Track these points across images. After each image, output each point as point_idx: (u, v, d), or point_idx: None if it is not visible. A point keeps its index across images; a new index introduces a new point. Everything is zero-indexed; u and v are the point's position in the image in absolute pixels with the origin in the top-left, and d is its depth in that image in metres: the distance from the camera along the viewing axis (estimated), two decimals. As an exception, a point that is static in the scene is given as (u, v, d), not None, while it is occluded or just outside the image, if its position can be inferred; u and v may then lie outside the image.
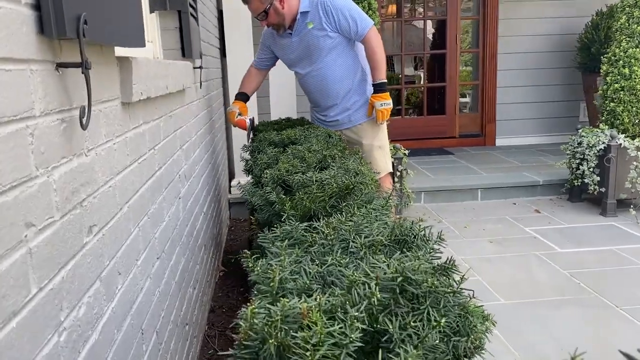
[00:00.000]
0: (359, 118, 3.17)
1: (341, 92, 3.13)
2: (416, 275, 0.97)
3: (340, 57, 3.06)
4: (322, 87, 3.14)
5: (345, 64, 3.08)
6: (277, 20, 2.99)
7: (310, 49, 3.04)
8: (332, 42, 3.00)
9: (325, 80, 3.11)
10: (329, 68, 3.07)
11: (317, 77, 3.12)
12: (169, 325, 1.78)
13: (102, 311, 1.09)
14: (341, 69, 3.07)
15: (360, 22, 2.95)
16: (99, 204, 1.11)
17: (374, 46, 2.98)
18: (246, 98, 3.33)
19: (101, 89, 1.16)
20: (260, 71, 3.40)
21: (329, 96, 3.15)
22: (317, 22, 2.98)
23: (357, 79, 3.13)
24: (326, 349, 0.80)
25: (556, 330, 2.57)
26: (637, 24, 4.09)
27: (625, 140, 4.13)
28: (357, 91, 3.14)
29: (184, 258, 2.15)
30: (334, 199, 1.59)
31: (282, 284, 1.03)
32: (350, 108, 3.16)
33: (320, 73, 3.10)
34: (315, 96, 3.23)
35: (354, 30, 2.96)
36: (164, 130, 1.86)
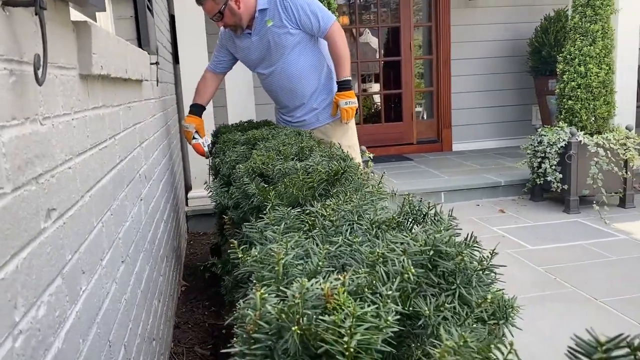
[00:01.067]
0: (326, 117, 3.02)
1: (307, 91, 2.97)
2: (449, 248, 0.82)
3: (304, 54, 2.91)
4: (288, 87, 2.97)
5: (310, 62, 2.93)
6: (234, 21, 2.82)
7: (271, 48, 2.88)
8: (294, 39, 2.85)
9: (290, 79, 2.94)
10: (293, 66, 2.91)
11: (281, 77, 2.95)
12: (137, 339, 1.57)
13: (66, 314, 0.90)
14: (306, 66, 2.92)
15: (322, 18, 2.81)
16: (58, 185, 0.91)
17: (337, 42, 2.84)
18: (201, 110, 3.11)
19: (56, 52, 0.97)
20: (217, 75, 3.20)
21: (295, 96, 2.99)
22: (276, 19, 2.82)
23: (323, 77, 2.99)
24: (361, 335, 0.64)
25: (541, 325, 2.48)
26: (590, 22, 4.16)
27: (584, 137, 4.17)
28: (323, 90, 3.00)
29: (148, 266, 1.94)
30: (323, 185, 1.43)
31: (286, 269, 0.86)
32: (317, 107, 3.01)
33: (284, 72, 2.93)
34: (281, 97, 3.05)
35: (316, 26, 2.82)
36: (124, 121, 1.67)
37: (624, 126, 4.36)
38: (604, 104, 4.23)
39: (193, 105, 3.12)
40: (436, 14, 6.35)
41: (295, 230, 1.08)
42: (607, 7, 4.11)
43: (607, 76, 4.19)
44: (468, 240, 0.99)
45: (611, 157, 4.15)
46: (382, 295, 0.73)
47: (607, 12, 4.13)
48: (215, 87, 3.22)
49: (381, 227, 1.01)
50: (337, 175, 1.46)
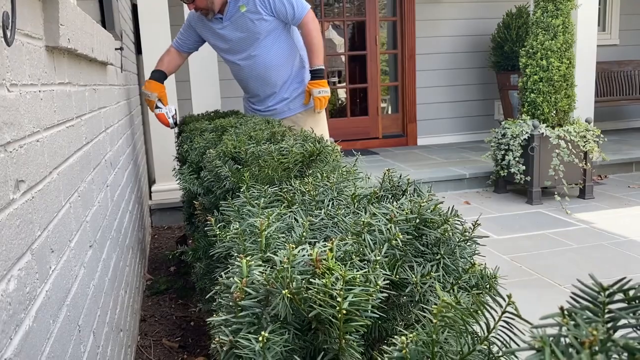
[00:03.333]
0: (298, 106, 2.99)
1: (280, 80, 2.92)
2: (434, 217, 0.82)
3: (277, 42, 2.86)
4: (260, 75, 2.91)
5: (283, 50, 2.88)
6: (206, 4, 2.74)
7: (244, 35, 2.82)
8: (268, 25, 2.79)
9: (263, 67, 2.88)
10: (266, 54, 2.85)
11: (254, 65, 2.89)
12: (105, 327, 1.52)
13: (36, 292, 0.85)
14: (279, 55, 2.87)
15: (297, 6, 2.78)
16: (26, 157, 0.87)
17: (311, 30, 2.81)
18: (164, 77, 2.97)
19: (22, 18, 0.92)
20: (181, 54, 3.09)
21: (267, 84, 2.93)
22: (250, 5, 2.76)
23: (295, 66, 2.95)
24: (353, 297, 0.63)
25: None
26: (552, 17, 4.25)
27: (546, 129, 4.26)
28: (295, 79, 2.96)
29: (115, 255, 1.88)
30: (299, 167, 1.41)
31: (269, 241, 0.84)
32: (288, 97, 2.97)
33: (257, 60, 2.87)
34: (251, 85, 2.99)
35: (291, 14, 2.77)
36: (90, 103, 1.61)
37: (583, 119, 4.48)
38: (564, 97, 4.34)
39: (155, 72, 2.96)
40: (401, 9, 6.40)
41: (275, 206, 1.06)
42: (567, 3, 4.21)
43: (567, 70, 4.29)
44: (449, 213, 0.99)
45: (572, 149, 4.26)
46: (370, 261, 0.72)
47: (568, 7, 4.23)
48: (178, 65, 3.11)
49: (362, 202, 1.00)
50: (313, 157, 1.44)
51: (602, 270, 3.00)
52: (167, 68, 2.99)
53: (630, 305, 0.47)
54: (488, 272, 0.92)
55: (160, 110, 2.83)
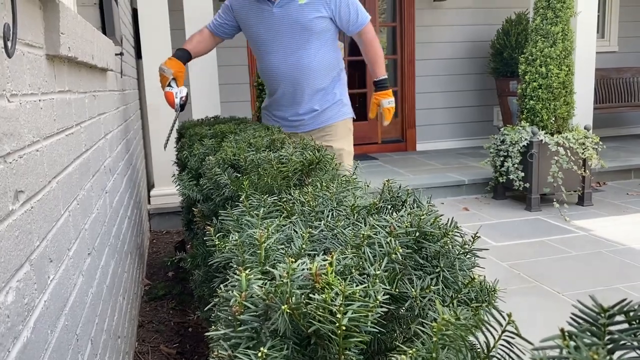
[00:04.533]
0: (330, 118, 2.72)
1: (315, 88, 2.66)
2: (434, 230, 0.82)
3: (325, 47, 2.60)
4: (296, 78, 2.62)
5: (328, 57, 2.63)
6: None
7: (294, 29, 2.51)
8: (323, 27, 2.53)
9: (303, 70, 2.59)
10: (311, 57, 2.57)
11: (293, 65, 2.59)
12: (103, 335, 1.51)
13: (34, 303, 0.85)
14: (323, 61, 2.61)
15: (360, 13, 2.56)
16: (26, 167, 0.87)
17: (373, 39, 2.63)
18: (187, 58, 2.65)
19: (23, 28, 0.92)
20: (214, 38, 2.77)
21: (300, 90, 2.65)
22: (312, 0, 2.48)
23: (333, 78, 2.71)
24: (352, 312, 0.62)
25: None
26: (551, 24, 4.26)
27: (545, 136, 4.27)
28: (330, 91, 2.71)
29: (114, 261, 1.88)
30: (298, 175, 1.41)
31: (268, 253, 0.84)
32: (318, 109, 2.71)
33: (299, 61, 2.58)
34: (282, 87, 2.68)
35: (354, 19, 2.55)
36: (89, 110, 1.61)
37: (582, 126, 4.48)
38: (564, 104, 4.34)
39: (179, 50, 2.67)
40: (401, 14, 6.41)
41: (274, 217, 1.06)
42: (567, 10, 4.23)
43: (567, 77, 4.30)
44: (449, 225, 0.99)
45: (571, 156, 4.26)
46: (369, 275, 0.72)
47: (567, 14, 4.24)
48: (208, 48, 2.81)
49: (362, 213, 1.00)
50: (312, 165, 1.44)
51: (600, 278, 3.00)
52: (195, 49, 2.69)
53: (631, 327, 0.47)
54: (487, 284, 0.92)
55: (170, 89, 2.58)
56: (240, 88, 5.80)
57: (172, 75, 2.57)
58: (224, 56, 5.02)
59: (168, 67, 2.57)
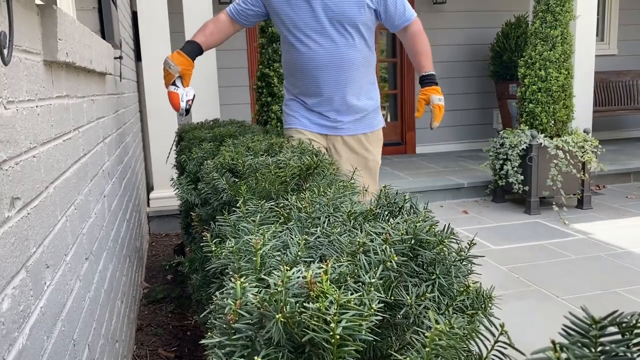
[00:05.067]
0: (370, 125, 2.43)
1: (356, 84, 2.34)
2: (429, 237, 0.82)
3: (363, 41, 2.30)
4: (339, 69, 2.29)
5: (365, 53, 2.32)
6: None
7: (335, 15, 2.20)
8: (366, 18, 2.23)
9: (345, 62, 2.28)
10: (353, 48, 2.27)
11: (333, 55, 2.26)
12: (101, 339, 1.51)
13: (30, 309, 0.85)
14: (361, 56, 2.31)
15: (408, 7, 2.29)
16: (22, 174, 0.87)
17: (421, 35, 2.33)
18: (197, 52, 2.30)
19: (21, 35, 0.92)
20: (234, 24, 2.38)
21: (346, 84, 2.31)
22: None
23: (370, 77, 2.42)
24: (347, 321, 0.63)
25: (505, 323, 2.51)
26: (550, 27, 4.27)
27: (545, 139, 4.27)
28: (369, 91, 2.42)
29: (112, 265, 1.88)
30: (296, 180, 1.41)
31: (264, 260, 0.84)
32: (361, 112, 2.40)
33: (339, 51, 2.26)
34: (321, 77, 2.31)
35: (401, 12, 2.26)
36: (88, 114, 1.61)
37: (581, 129, 4.49)
38: (563, 108, 4.35)
39: (189, 43, 2.31)
40: (400, 18, 6.41)
41: (271, 223, 1.06)
42: (566, 14, 4.23)
43: (566, 80, 4.30)
44: (445, 231, 0.99)
45: (570, 160, 4.26)
46: (364, 283, 0.72)
47: (567, 18, 4.24)
48: (225, 36, 2.42)
49: (358, 219, 1.00)
50: (310, 170, 1.44)
51: (599, 281, 3.00)
52: (207, 41, 2.33)
53: (623, 338, 0.47)
54: (483, 291, 0.92)
55: (176, 90, 2.27)
56: (239, 91, 5.81)
57: (179, 73, 2.25)
58: (223, 59, 5.03)
59: (175, 62, 2.23)
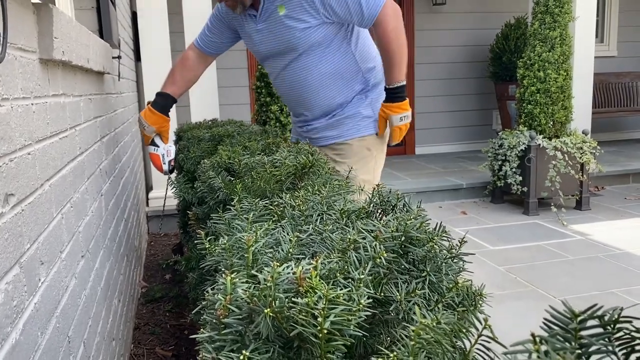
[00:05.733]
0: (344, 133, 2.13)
1: (325, 104, 2.11)
2: (420, 234, 0.82)
3: (328, 56, 2.02)
4: (297, 95, 2.14)
5: (336, 67, 2.04)
6: None
7: (282, 44, 2.00)
8: (316, 35, 1.96)
9: (302, 87, 2.09)
10: (308, 71, 2.04)
11: (290, 81, 2.10)
12: (97, 337, 1.52)
13: (24, 305, 0.86)
14: (327, 73, 2.05)
15: (369, 1, 1.87)
16: (16, 170, 0.88)
17: (387, 32, 1.90)
18: (170, 104, 2.20)
19: (16, 33, 0.93)
20: (206, 57, 2.24)
21: (306, 107, 2.16)
22: (292, 7, 1.91)
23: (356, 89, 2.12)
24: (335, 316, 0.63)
25: (501, 323, 2.52)
26: (549, 29, 4.27)
27: (543, 140, 4.27)
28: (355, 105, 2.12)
29: (109, 264, 1.88)
30: (291, 179, 1.42)
31: (256, 257, 0.85)
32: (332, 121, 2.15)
33: (294, 76, 2.07)
34: (288, 103, 2.31)
35: (357, 14, 1.89)
36: (85, 113, 1.62)
37: (580, 131, 4.49)
38: (561, 109, 4.35)
39: (160, 95, 2.17)
40: (400, 19, 6.42)
41: (264, 221, 1.06)
42: (565, 15, 4.24)
43: (565, 82, 4.31)
44: (437, 229, 0.99)
45: (568, 161, 4.27)
46: (354, 280, 0.72)
47: (566, 19, 4.25)
48: (198, 74, 2.28)
49: (351, 217, 1.01)
50: (305, 169, 1.45)
51: (597, 282, 3.00)
52: (180, 89, 2.22)
53: (605, 331, 0.48)
54: (474, 289, 0.93)
55: (156, 151, 2.19)
56: (239, 91, 5.82)
57: (155, 132, 2.18)
58: (223, 59, 5.03)
59: (149, 123, 2.13)
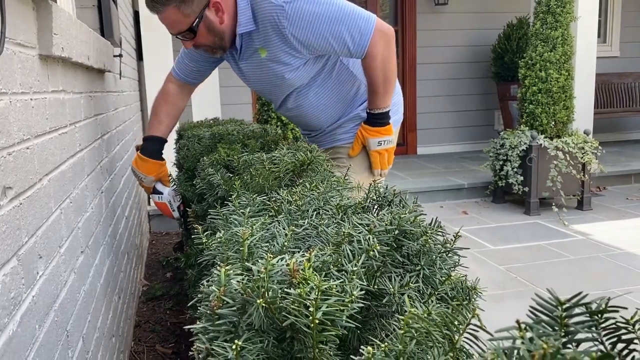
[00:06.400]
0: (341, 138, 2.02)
1: (327, 122, 2.01)
2: (414, 228, 0.83)
3: (323, 86, 1.92)
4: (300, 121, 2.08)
5: (332, 94, 1.93)
6: (212, 41, 1.73)
7: (272, 84, 1.89)
8: (309, 72, 1.84)
9: (304, 115, 2.00)
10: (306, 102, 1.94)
11: (292, 111, 2.02)
12: (96, 333, 1.53)
13: (21, 297, 0.87)
14: (325, 101, 1.94)
15: (354, 35, 1.70)
16: (14, 164, 0.89)
17: (376, 63, 1.77)
18: (161, 146, 2.02)
19: (15, 29, 0.94)
20: (187, 87, 2.09)
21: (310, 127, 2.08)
22: (272, 50, 1.75)
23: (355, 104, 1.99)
24: (327, 307, 0.64)
25: (501, 322, 2.52)
26: (551, 29, 4.27)
27: (545, 140, 4.27)
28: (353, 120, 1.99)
29: (109, 260, 1.89)
30: (290, 176, 1.43)
31: (251, 250, 0.85)
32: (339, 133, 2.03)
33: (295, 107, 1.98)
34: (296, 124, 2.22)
35: (343, 51, 1.74)
36: (85, 110, 1.63)
37: (582, 131, 4.49)
38: (563, 109, 4.35)
39: (148, 140, 2.00)
40: (402, 18, 6.43)
41: (261, 215, 1.07)
42: (567, 15, 4.24)
43: (566, 82, 4.31)
44: (432, 224, 1.00)
45: (570, 161, 4.26)
46: (347, 272, 0.73)
47: (567, 19, 4.25)
48: (183, 104, 2.13)
49: (347, 212, 1.01)
50: (304, 166, 1.46)
51: (597, 282, 3.00)
52: (167, 124, 2.05)
53: (591, 319, 0.49)
54: (468, 283, 0.93)
55: (161, 199, 2.02)
56: (241, 90, 5.82)
57: (154, 181, 2.01)
58: (225, 59, 5.05)
59: (145, 173, 1.97)
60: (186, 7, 1.62)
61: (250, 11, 1.69)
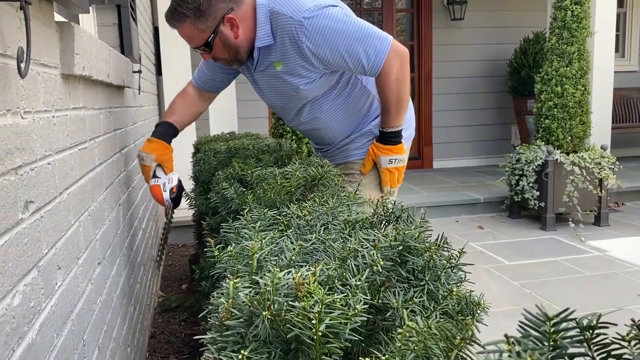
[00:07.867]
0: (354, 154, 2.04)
1: (339, 137, 2.04)
2: (417, 244, 0.85)
3: (337, 101, 1.95)
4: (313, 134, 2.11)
5: (345, 109, 1.97)
6: (228, 54, 1.79)
7: (286, 96, 1.92)
8: (322, 86, 1.88)
9: (317, 129, 2.04)
10: (318, 115, 1.97)
11: (305, 125, 2.04)
12: (111, 342, 1.56)
13: (40, 307, 0.90)
14: (338, 116, 1.98)
15: (369, 54, 1.73)
16: (36, 179, 0.93)
17: (390, 82, 1.79)
18: (172, 133, 2.02)
19: (39, 50, 0.99)
20: (204, 95, 2.14)
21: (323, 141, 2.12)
22: (289, 64, 1.78)
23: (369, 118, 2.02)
24: (330, 320, 0.66)
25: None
26: (567, 44, 4.27)
27: (561, 155, 4.26)
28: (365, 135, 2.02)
29: (125, 272, 1.94)
30: (301, 190, 1.46)
31: (260, 264, 0.88)
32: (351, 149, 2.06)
33: (309, 125, 2.03)
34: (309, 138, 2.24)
35: (358, 68, 1.78)
36: (105, 125, 1.68)
37: (599, 146, 4.46)
38: (579, 124, 4.34)
39: (160, 125, 2.02)
40: (419, 33, 6.47)
41: (271, 230, 1.10)
42: (582, 30, 4.24)
43: (582, 97, 4.29)
44: (438, 240, 1.02)
45: (586, 176, 4.24)
46: (351, 286, 0.76)
47: (583, 34, 4.25)
48: (199, 111, 2.18)
49: (355, 227, 1.04)
50: (315, 181, 1.49)
51: (613, 299, 2.97)
52: (180, 118, 2.06)
53: (581, 335, 0.51)
54: (472, 299, 0.95)
55: (156, 182, 1.95)
56: (257, 104, 5.89)
57: (155, 161, 1.94)
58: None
59: (148, 151, 1.92)
60: (201, 23, 1.70)
61: (269, 25, 1.75)
